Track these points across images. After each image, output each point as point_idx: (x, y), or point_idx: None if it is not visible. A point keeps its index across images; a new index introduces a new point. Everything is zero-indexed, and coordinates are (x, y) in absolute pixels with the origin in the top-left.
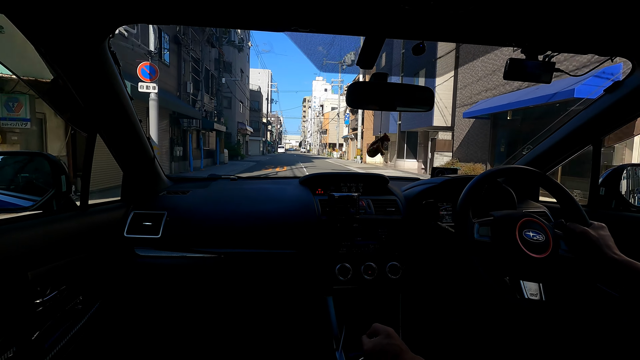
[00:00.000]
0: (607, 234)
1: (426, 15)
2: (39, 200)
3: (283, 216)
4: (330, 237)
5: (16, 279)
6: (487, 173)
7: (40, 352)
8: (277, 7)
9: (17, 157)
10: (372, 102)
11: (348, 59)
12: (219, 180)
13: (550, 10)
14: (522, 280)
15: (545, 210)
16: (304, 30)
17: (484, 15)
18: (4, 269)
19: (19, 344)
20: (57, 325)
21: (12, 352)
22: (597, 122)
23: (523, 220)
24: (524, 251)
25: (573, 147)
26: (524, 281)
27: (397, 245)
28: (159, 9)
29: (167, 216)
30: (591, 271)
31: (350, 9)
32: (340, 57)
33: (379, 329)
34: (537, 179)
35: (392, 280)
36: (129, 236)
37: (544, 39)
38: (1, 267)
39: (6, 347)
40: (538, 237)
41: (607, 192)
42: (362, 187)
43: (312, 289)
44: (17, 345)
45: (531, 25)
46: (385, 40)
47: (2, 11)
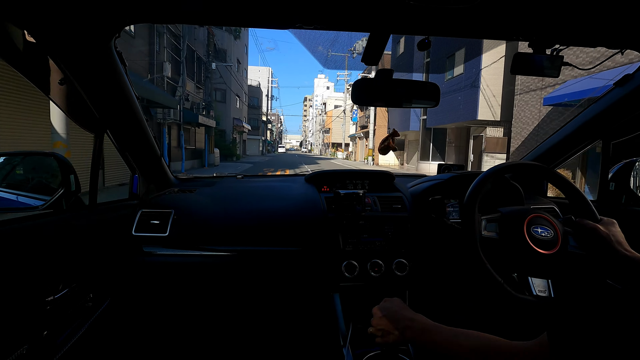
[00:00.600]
0: (617, 230)
1: (432, 9)
2: (49, 200)
3: (289, 214)
4: (337, 235)
5: (28, 277)
6: (493, 169)
7: (52, 348)
8: (281, 4)
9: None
10: (377, 98)
11: (359, 46)
12: (225, 178)
13: (558, 2)
14: (530, 277)
15: (553, 206)
16: (309, 27)
17: (490, 9)
18: (15, 267)
19: (31, 341)
20: (69, 322)
21: (24, 349)
22: (607, 115)
23: (531, 217)
24: (533, 247)
25: (582, 141)
26: (532, 278)
27: (403, 242)
28: (164, 8)
29: (174, 214)
30: (601, 268)
31: (354, 5)
32: (344, 51)
33: (388, 300)
34: (544, 174)
35: (398, 277)
36: (137, 234)
37: (551, 33)
38: (13, 265)
39: (19, 344)
40: (546, 234)
41: (617, 187)
42: (368, 184)
43: (319, 286)
44: (30, 342)
45: (539, 18)
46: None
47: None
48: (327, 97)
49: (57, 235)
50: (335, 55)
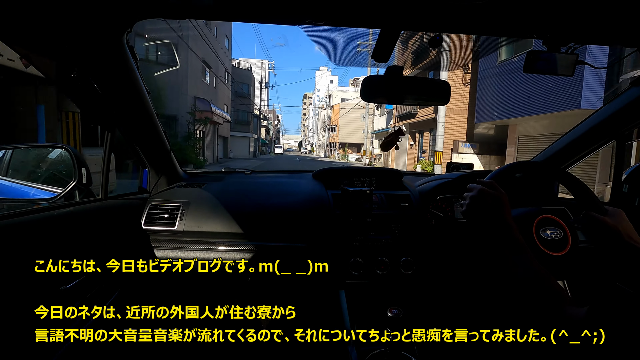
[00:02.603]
0: (624, 219)
1: (443, 6)
2: (61, 192)
3: (297, 210)
4: (344, 232)
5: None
6: (503, 168)
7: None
8: (292, 0)
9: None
10: (387, 96)
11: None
12: (233, 174)
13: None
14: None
15: (563, 207)
16: (319, 23)
17: (503, 6)
18: (28, 258)
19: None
20: (79, 311)
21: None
22: (622, 116)
23: (540, 218)
24: (543, 250)
25: (595, 142)
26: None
27: (410, 241)
28: (176, 3)
29: (182, 208)
30: (612, 260)
31: (365, 1)
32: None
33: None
34: (553, 173)
35: (405, 276)
36: (146, 227)
37: (567, 30)
38: (26, 256)
39: (30, 332)
40: (556, 234)
41: (630, 189)
42: (376, 182)
43: (325, 282)
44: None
45: (554, 15)
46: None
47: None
48: (332, 89)
49: (67, 227)
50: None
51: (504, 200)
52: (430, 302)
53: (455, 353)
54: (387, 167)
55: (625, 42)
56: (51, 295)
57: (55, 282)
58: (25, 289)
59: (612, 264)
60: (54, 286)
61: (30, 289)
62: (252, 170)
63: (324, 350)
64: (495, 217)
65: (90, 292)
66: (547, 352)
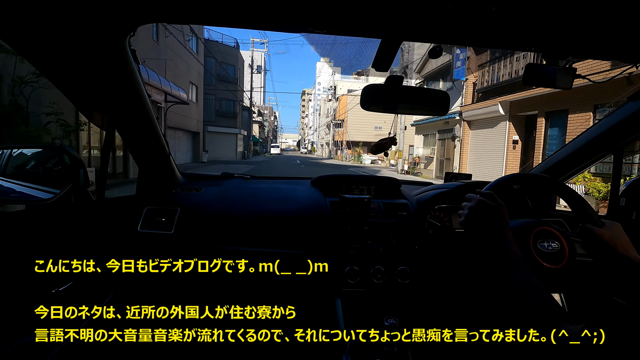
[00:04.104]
0: (621, 233)
1: (444, 18)
2: (58, 193)
3: (294, 217)
4: (341, 240)
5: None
6: (501, 180)
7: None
8: (295, 9)
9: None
10: (386, 105)
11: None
12: (232, 179)
13: (573, 14)
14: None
15: (561, 219)
16: (320, 31)
17: (503, 19)
18: (20, 260)
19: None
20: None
21: (27, 338)
22: (620, 130)
23: (537, 230)
24: (540, 263)
25: (593, 155)
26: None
27: (407, 250)
28: (179, 8)
29: (180, 212)
30: (609, 274)
31: (367, 11)
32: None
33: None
34: (550, 185)
35: (401, 285)
36: (143, 231)
37: (566, 44)
38: (18, 257)
39: (22, 335)
40: (553, 246)
41: (627, 203)
42: (374, 190)
43: (321, 290)
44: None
45: (553, 29)
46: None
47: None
48: (337, 79)
49: (63, 229)
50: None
51: (503, 211)
52: (426, 312)
53: (448, 358)
54: (386, 176)
55: (623, 58)
56: (44, 296)
57: (50, 282)
58: (21, 289)
59: (609, 278)
60: (48, 287)
61: (26, 289)
62: (250, 175)
63: (319, 359)
64: (494, 228)
65: (85, 294)
66: (547, 352)
